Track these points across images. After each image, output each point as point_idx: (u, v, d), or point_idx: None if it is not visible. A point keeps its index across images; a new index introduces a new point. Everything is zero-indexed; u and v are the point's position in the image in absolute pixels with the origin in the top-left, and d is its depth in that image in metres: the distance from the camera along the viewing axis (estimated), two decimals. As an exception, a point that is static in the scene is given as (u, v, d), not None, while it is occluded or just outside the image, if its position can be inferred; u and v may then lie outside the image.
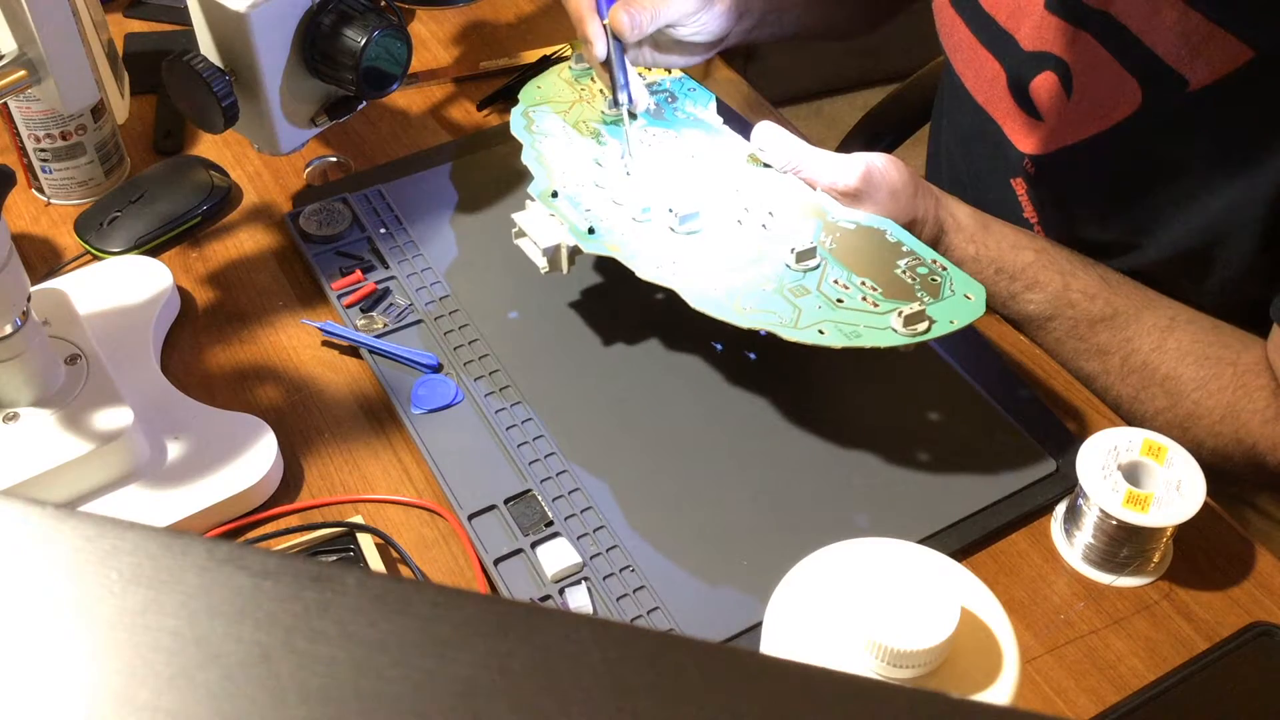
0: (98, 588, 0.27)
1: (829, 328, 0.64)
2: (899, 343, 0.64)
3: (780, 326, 0.64)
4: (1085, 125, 0.77)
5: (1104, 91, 0.75)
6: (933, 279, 0.67)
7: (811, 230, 0.71)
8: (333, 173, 0.89)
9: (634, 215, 0.71)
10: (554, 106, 0.81)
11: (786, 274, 0.68)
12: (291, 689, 0.25)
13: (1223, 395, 0.72)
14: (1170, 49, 0.71)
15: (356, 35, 0.72)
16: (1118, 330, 0.75)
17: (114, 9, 1.03)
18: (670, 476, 0.69)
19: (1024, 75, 0.80)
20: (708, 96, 0.82)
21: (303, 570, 0.27)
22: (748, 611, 0.63)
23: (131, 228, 0.82)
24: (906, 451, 0.71)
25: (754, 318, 0.65)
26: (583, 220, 0.70)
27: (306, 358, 0.77)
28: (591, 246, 0.69)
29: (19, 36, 0.63)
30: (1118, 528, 0.63)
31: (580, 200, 0.72)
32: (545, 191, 0.73)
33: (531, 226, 0.72)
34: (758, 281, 0.67)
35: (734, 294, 0.66)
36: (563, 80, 0.84)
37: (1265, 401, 0.71)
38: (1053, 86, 0.78)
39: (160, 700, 0.25)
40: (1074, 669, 0.62)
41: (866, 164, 0.72)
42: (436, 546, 0.67)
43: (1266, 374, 0.72)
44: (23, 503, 0.28)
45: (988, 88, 0.84)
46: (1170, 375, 0.74)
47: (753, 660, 0.27)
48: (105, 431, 0.66)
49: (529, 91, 0.82)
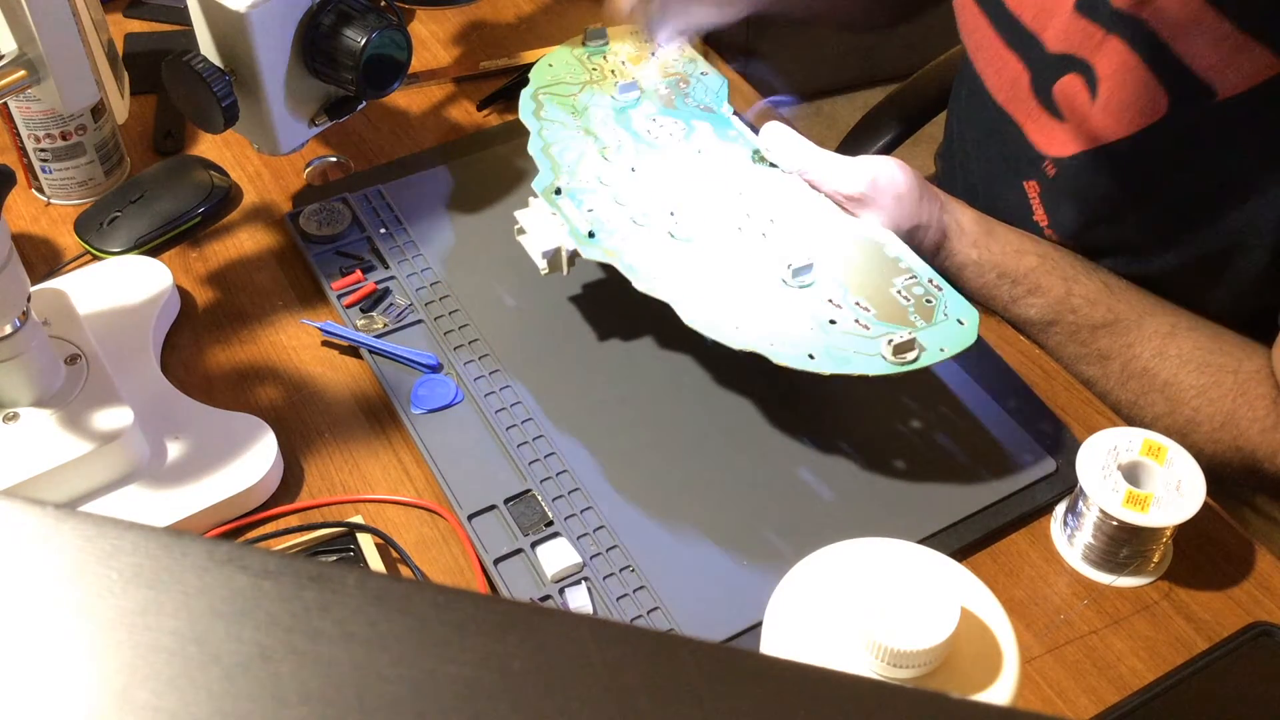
0: (98, 588, 0.27)
1: (819, 352, 0.65)
2: (888, 371, 0.64)
3: (771, 349, 0.64)
4: (1109, 129, 0.76)
5: (1130, 96, 0.74)
6: (927, 300, 0.67)
7: (810, 240, 0.71)
8: (333, 173, 0.89)
9: (635, 217, 0.71)
10: (564, 88, 0.80)
11: (781, 289, 0.68)
12: (291, 689, 0.25)
13: (1222, 403, 0.72)
14: (1200, 58, 0.70)
15: (356, 35, 0.72)
16: (1118, 336, 0.75)
17: (114, 9, 1.03)
18: (671, 476, 0.69)
19: (1048, 76, 0.80)
20: (720, 81, 0.82)
21: (303, 570, 0.27)
22: (748, 611, 0.63)
23: (131, 228, 0.82)
24: (907, 451, 0.71)
25: (746, 338, 0.65)
26: (584, 221, 0.70)
27: (306, 358, 0.77)
28: (590, 252, 0.69)
29: (19, 36, 0.63)
30: (1118, 528, 0.63)
31: (583, 199, 0.72)
32: (549, 188, 0.72)
33: (533, 226, 0.72)
34: (752, 297, 0.67)
35: (728, 311, 0.66)
36: (575, 57, 0.83)
37: (1265, 410, 0.71)
38: (1078, 89, 0.77)
39: (160, 700, 0.25)
40: (1074, 669, 0.62)
41: (873, 169, 0.72)
42: (436, 546, 0.67)
43: (1267, 382, 0.72)
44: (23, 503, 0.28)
45: (1009, 87, 0.84)
46: (1170, 382, 0.74)
47: (753, 660, 0.27)
48: (105, 431, 0.66)
49: (540, 70, 0.82)
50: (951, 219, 0.76)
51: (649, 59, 0.83)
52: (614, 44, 0.84)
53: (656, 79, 0.81)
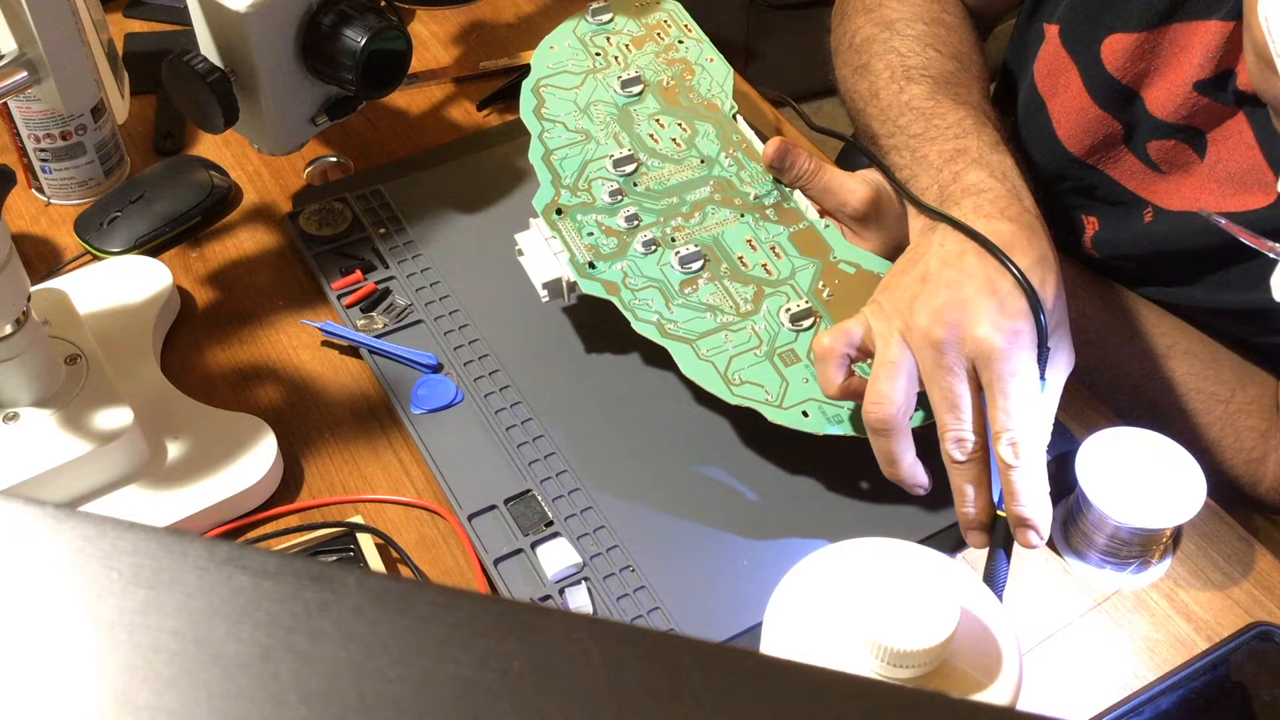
0: (98, 588, 0.27)
1: (812, 409, 0.65)
2: None
3: (765, 406, 0.65)
4: (1216, 197, 0.72)
5: (1239, 169, 0.70)
6: None
7: (811, 273, 0.71)
8: (333, 173, 0.89)
9: (636, 248, 0.71)
10: (567, 79, 0.80)
11: (781, 332, 0.68)
12: (291, 689, 0.25)
13: (1208, 431, 0.72)
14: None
15: (356, 35, 0.72)
16: (1108, 353, 0.75)
17: (114, 9, 1.03)
18: (671, 476, 0.69)
19: (1146, 135, 0.74)
20: (725, 70, 0.82)
21: (303, 570, 0.27)
22: (748, 611, 0.63)
23: (131, 228, 0.82)
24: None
25: (742, 391, 0.66)
26: (584, 250, 0.70)
27: (306, 358, 0.77)
28: (590, 287, 0.69)
29: (19, 36, 0.63)
30: (1118, 528, 0.63)
31: (584, 220, 0.72)
32: (549, 207, 0.72)
33: (532, 250, 0.72)
34: (751, 342, 0.68)
35: (724, 359, 0.67)
36: (577, 38, 0.83)
37: (1253, 442, 0.71)
38: (1182, 149, 0.73)
39: (161, 700, 0.25)
40: (1074, 669, 0.62)
41: (875, 186, 0.71)
42: (436, 546, 0.67)
43: (1259, 415, 0.71)
44: (23, 503, 0.28)
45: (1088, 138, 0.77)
46: (1157, 402, 0.73)
47: (753, 660, 0.27)
48: (105, 431, 0.66)
49: (541, 54, 0.81)
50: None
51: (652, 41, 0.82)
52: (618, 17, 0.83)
53: (660, 67, 0.81)
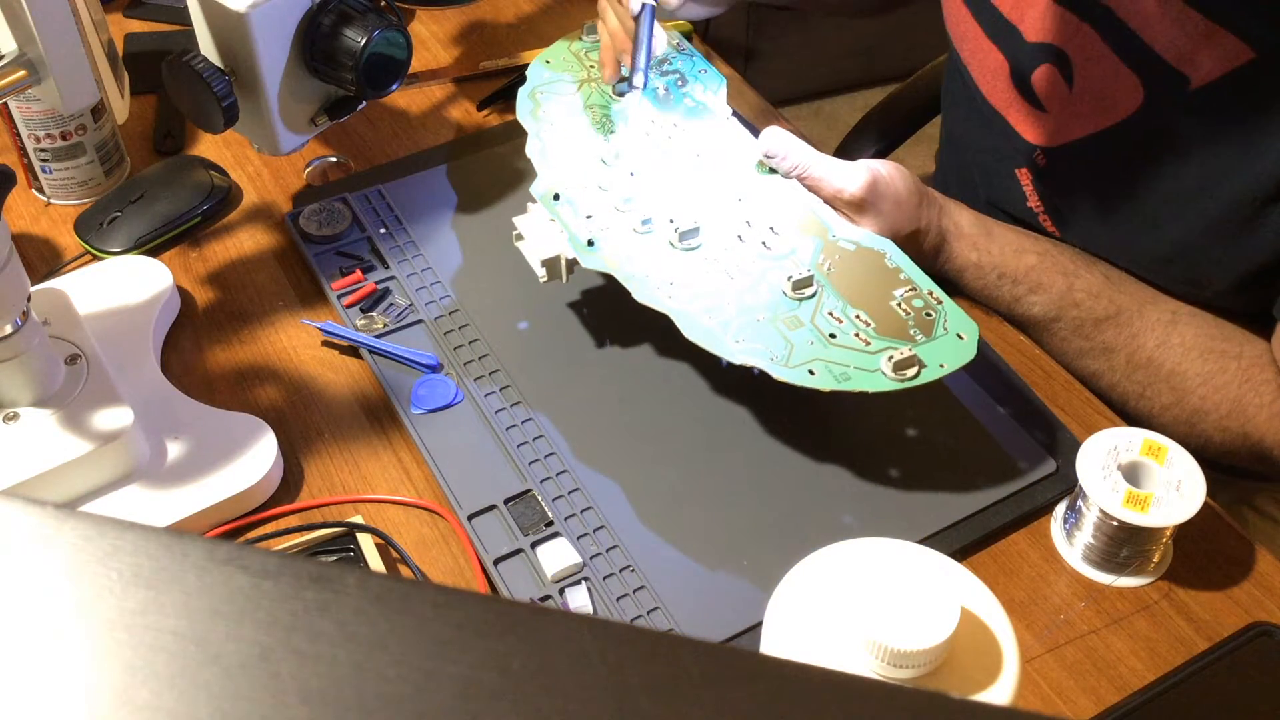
0: (98, 588, 0.27)
1: (819, 367, 0.65)
2: (888, 387, 0.64)
3: (771, 364, 0.65)
4: (1090, 120, 0.77)
5: (1105, 86, 0.75)
6: (927, 314, 0.67)
7: (811, 249, 0.71)
8: (333, 173, 0.89)
9: (634, 227, 0.71)
10: (562, 86, 0.80)
11: (782, 301, 0.68)
12: (291, 689, 0.25)
13: (1228, 390, 0.72)
14: (1169, 47, 0.71)
15: (356, 35, 0.72)
16: (1122, 328, 0.75)
17: (114, 9, 1.03)
18: (670, 476, 0.69)
19: (1026, 66, 0.80)
20: (719, 81, 0.82)
21: (303, 570, 0.27)
22: (748, 611, 0.63)
23: (131, 228, 0.82)
24: (907, 451, 0.71)
25: (746, 352, 0.65)
26: (584, 229, 0.70)
27: (306, 358, 0.77)
28: (590, 262, 0.69)
29: (19, 36, 0.63)
30: (1118, 528, 0.63)
31: (582, 206, 0.72)
32: (547, 194, 0.72)
33: (531, 232, 0.72)
34: (753, 309, 0.67)
35: (728, 324, 0.66)
36: (572, 53, 0.83)
37: (1271, 395, 0.71)
38: (1053, 78, 0.78)
39: (161, 700, 0.25)
40: (1074, 669, 0.62)
41: (872, 172, 0.72)
42: (436, 546, 0.67)
43: (1270, 368, 0.72)
44: (23, 503, 0.28)
45: (991, 79, 0.84)
46: (1175, 371, 0.74)
47: (753, 660, 0.27)
48: (105, 431, 0.66)
49: (537, 68, 0.82)
50: (950, 221, 0.76)
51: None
52: None
53: (653, 76, 0.81)
